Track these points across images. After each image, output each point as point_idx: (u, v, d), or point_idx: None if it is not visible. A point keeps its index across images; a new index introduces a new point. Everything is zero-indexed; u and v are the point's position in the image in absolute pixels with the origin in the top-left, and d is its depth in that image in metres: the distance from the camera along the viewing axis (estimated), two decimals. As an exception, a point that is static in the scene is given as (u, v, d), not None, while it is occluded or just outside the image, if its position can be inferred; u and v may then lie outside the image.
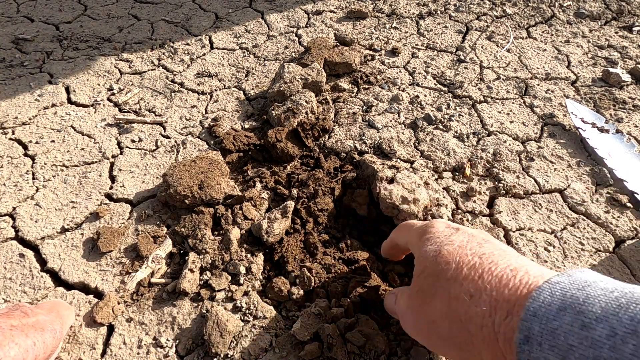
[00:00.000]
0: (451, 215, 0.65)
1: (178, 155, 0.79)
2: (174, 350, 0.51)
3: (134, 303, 0.56)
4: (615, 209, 0.68)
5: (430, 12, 1.20)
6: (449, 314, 0.35)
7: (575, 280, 0.30)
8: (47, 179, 0.73)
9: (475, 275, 0.35)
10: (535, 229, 0.65)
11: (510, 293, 0.32)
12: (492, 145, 0.79)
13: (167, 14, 1.22)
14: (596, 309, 0.27)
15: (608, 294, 0.28)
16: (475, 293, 0.33)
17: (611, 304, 0.27)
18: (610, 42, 1.07)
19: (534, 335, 0.28)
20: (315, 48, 0.99)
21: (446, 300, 0.35)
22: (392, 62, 1.02)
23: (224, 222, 0.63)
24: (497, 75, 0.97)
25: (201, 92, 0.94)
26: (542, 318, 0.28)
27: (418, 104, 0.89)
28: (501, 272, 0.34)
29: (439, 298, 0.36)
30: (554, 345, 0.27)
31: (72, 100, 0.91)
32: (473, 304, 0.33)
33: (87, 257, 0.61)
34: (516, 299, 0.31)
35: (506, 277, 0.33)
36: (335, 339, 0.48)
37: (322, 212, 0.64)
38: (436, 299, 0.36)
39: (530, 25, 1.15)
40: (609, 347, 0.25)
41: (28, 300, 0.56)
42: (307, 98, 0.83)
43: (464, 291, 0.34)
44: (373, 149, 0.79)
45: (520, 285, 0.32)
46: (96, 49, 1.07)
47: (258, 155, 0.76)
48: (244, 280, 0.57)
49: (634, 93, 0.91)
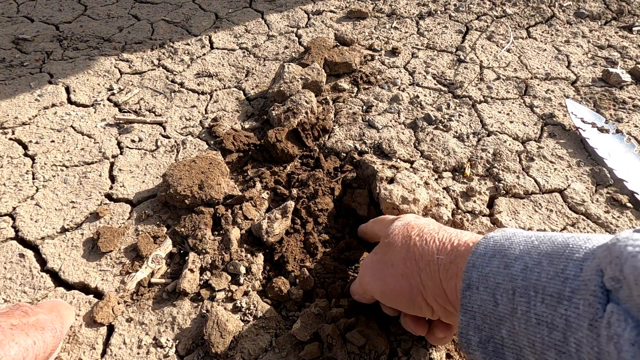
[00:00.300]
0: (451, 215, 0.65)
1: (178, 155, 0.79)
2: (174, 350, 0.51)
3: (134, 303, 0.56)
4: (615, 209, 0.68)
5: (430, 12, 1.20)
6: (406, 256, 0.43)
7: (505, 233, 0.37)
8: (47, 179, 0.73)
9: (433, 232, 0.44)
10: (535, 229, 0.65)
11: (455, 238, 0.41)
12: (492, 145, 0.79)
13: (167, 14, 1.22)
14: (516, 251, 0.34)
15: (527, 239, 0.34)
16: (430, 240, 0.43)
17: (527, 245, 0.33)
18: (610, 42, 1.07)
19: (473, 282, 0.35)
20: (315, 48, 0.99)
21: (406, 247, 0.44)
22: (392, 62, 1.02)
23: (224, 222, 0.64)
24: (497, 75, 0.97)
25: (201, 92, 0.94)
26: (479, 267, 0.35)
27: (418, 104, 0.89)
28: (452, 231, 0.43)
29: (401, 247, 0.44)
30: (486, 286, 0.33)
31: (72, 100, 0.91)
32: (427, 246, 0.42)
33: (87, 257, 0.61)
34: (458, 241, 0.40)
35: (455, 233, 0.42)
36: (335, 339, 0.48)
37: (322, 212, 0.64)
38: (399, 247, 0.45)
39: (530, 25, 1.15)
40: (522, 278, 0.31)
41: (28, 300, 0.56)
42: (307, 98, 0.83)
43: (420, 240, 0.43)
44: (373, 149, 0.79)
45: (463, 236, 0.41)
46: (96, 49, 1.07)
47: (258, 155, 0.76)
48: (244, 280, 0.57)
49: (634, 93, 0.91)
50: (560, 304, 0.28)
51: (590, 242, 0.30)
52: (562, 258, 0.30)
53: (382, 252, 0.47)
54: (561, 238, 0.32)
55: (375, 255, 0.47)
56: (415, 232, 0.45)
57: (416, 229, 0.45)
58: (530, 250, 0.33)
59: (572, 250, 0.30)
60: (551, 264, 0.30)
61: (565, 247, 0.31)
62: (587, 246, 0.30)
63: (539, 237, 0.34)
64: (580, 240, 0.31)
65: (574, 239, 0.31)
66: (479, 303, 0.34)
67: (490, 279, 0.33)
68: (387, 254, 0.46)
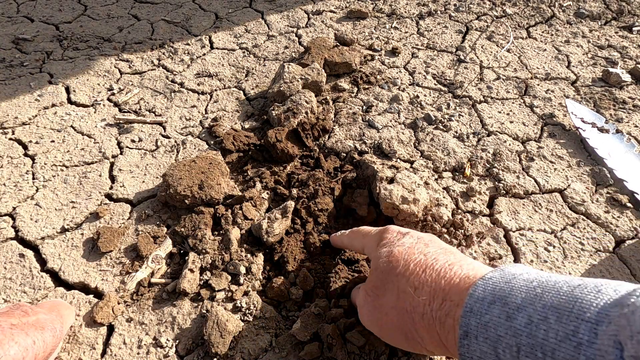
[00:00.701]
0: (451, 215, 0.65)
1: (178, 155, 0.79)
2: (174, 350, 0.51)
3: (134, 303, 0.56)
4: (615, 209, 0.68)
5: (430, 12, 1.20)
6: (397, 305, 0.39)
7: (504, 275, 0.34)
8: (47, 179, 0.73)
9: (419, 270, 0.39)
10: (535, 229, 0.65)
11: (445, 283, 0.37)
12: (492, 145, 0.79)
13: (167, 14, 1.22)
14: (518, 299, 0.31)
15: (528, 284, 0.31)
16: (418, 286, 0.38)
17: (530, 293, 0.30)
18: (610, 42, 1.07)
19: (471, 330, 0.32)
20: (315, 48, 0.99)
21: (395, 294, 0.40)
22: (392, 62, 1.02)
23: (224, 222, 0.63)
24: (497, 75, 0.97)
25: (201, 92, 0.94)
26: (477, 313, 0.32)
27: (418, 104, 0.89)
28: (440, 267, 0.39)
29: (389, 292, 0.40)
30: (486, 337, 0.31)
31: (72, 100, 0.91)
32: (417, 295, 0.38)
33: (87, 257, 0.61)
34: (450, 287, 0.36)
35: (443, 270, 0.38)
36: (335, 339, 0.48)
37: (322, 212, 0.64)
38: (387, 292, 0.41)
39: (530, 25, 1.15)
40: (526, 335, 0.29)
41: (28, 300, 0.56)
42: (307, 98, 0.83)
43: (410, 285, 0.39)
44: (373, 149, 0.79)
45: (453, 276, 0.37)
46: (96, 49, 1.07)
47: (258, 155, 0.76)
48: (244, 280, 0.57)
49: (634, 93, 0.91)
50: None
51: (601, 296, 0.27)
52: (572, 316, 0.27)
53: (373, 294, 0.43)
54: (566, 287, 0.29)
55: (367, 296, 0.44)
56: (400, 269, 0.40)
57: (401, 264, 0.41)
58: (533, 300, 0.30)
59: (582, 307, 0.27)
60: (559, 321, 0.27)
61: (573, 300, 0.28)
62: (598, 303, 0.27)
63: (542, 284, 0.31)
64: (590, 293, 0.28)
65: (582, 291, 0.28)
66: (479, 354, 0.31)
67: (490, 330, 0.31)
68: (378, 298, 0.42)
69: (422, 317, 0.37)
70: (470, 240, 0.63)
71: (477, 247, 0.63)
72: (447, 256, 0.40)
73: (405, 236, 0.45)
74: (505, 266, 0.36)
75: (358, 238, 0.52)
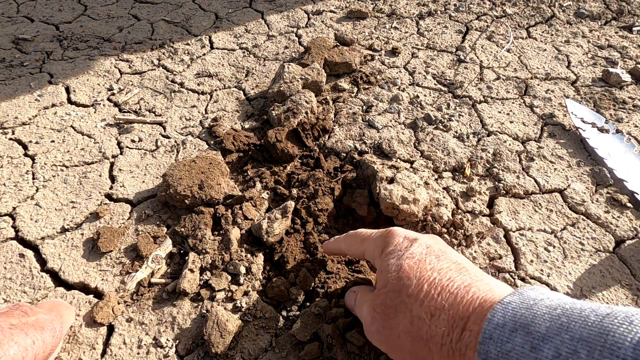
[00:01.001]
0: (451, 215, 0.65)
1: (178, 155, 0.79)
2: (174, 350, 0.51)
3: (134, 303, 0.56)
4: (615, 209, 0.68)
5: (430, 12, 1.20)
6: (411, 332, 0.37)
7: (524, 300, 0.32)
8: (47, 179, 0.73)
9: (434, 293, 0.37)
10: (535, 229, 0.65)
11: (464, 309, 0.34)
12: (492, 145, 0.79)
13: (167, 14, 1.22)
14: (542, 328, 0.29)
15: (552, 312, 0.30)
16: (435, 312, 0.36)
17: (554, 322, 0.29)
18: (610, 42, 1.07)
19: (491, 357, 0.30)
20: (315, 48, 0.99)
21: (409, 318, 0.37)
22: (392, 62, 1.02)
23: (224, 222, 0.63)
24: (497, 75, 0.97)
25: (201, 92, 0.94)
26: (497, 341, 0.30)
27: (418, 104, 0.89)
28: (456, 289, 0.36)
29: (401, 315, 0.38)
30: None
31: (72, 100, 0.91)
32: (433, 324, 0.35)
33: (87, 257, 0.61)
34: (469, 315, 0.34)
35: (460, 293, 0.36)
36: (335, 339, 0.48)
37: (322, 212, 0.64)
38: (399, 315, 0.38)
39: (530, 25, 1.15)
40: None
41: (28, 300, 0.56)
42: (307, 98, 0.83)
43: (424, 310, 0.36)
44: (373, 149, 0.79)
45: (471, 301, 0.35)
46: (96, 49, 1.07)
47: (258, 155, 0.76)
48: (244, 280, 0.57)
49: (634, 93, 0.91)
50: None
51: (635, 329, 0.26)
52: (605, 351, 0.25)
53: (383, 313, 0.40)
54: (594, 316, 0.28)
55: (375, 312, 0.40)
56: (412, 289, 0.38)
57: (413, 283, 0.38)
58: (559, 331, 0.28)
59: (615, 342, 0.25)
60: (591, 356, 0.26)
61: (604, 333, 0.26)
62: (633, 337, 0.25)
63: (566, 312, 0.29)
64: (621, 324, 0.26)
65: (612, 322, 0.27)
66: None
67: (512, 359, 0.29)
68: (389, 319, 0.39)
69: (440, 348, 0.35)
70: (470, 240, 0.63)
71: (477, 247, 0.63)
72: (462, 275, 0.38)
73: (413, 244, 0.42)
74: (523, 289, 0.34)
75: (356, 243, 0.50)
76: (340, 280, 0.56)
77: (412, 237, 0.44)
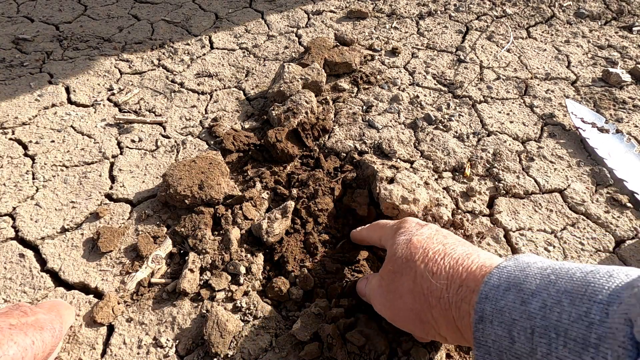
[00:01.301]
0: (451, 215, 0.65)
1: (178, 155, 0.79)
2: (174, 350, 0.51)
3: (134, 303, 0.56)
4: (615, 209, 0.68)
5: (430, 12, 1.20)
6: (414, 289, 0.41)
7: (519, 264, 0.35)
8: (47, 179, 0.73)
9: (438, 257, 0.41)
10: (535, 229, 0.65)
11: (463, 269, 0.38)
12: (492, 145, 0.79)
13: (167, 14, 1.22)
14: (532, 286, 0.32)
15: (542, 272, 0.33)
16: (436, 272, 0.40)
17: (544, 280, 0.32)
18: (610, 42, 1.07)
19: (486, 315, 0.33)
20: (315, 48, 0.99)
21: (412, 278, 0.41)
22: (392, 62, 1.02)
23: (224, 222, 0.63)
24: (497, 75, 0.97)
25: (201, 92, 0.94)
26: (492, 299, 0.33)
27: (418, 104, 0.89)
28: (458, 256, 0.40)
29: (406, 276, 0.42)
30: (501, 321, 0.32)
31: (72, 100, 0.91)
32: (434, 279, 0.39)
33: (87, 257, 0.61)
34: (467, 274, 0.38)
35: (461, 259, 0.40)
36: (335, 339, 0.48)
37: (322, 212, 0.64)
38: (404, 277, 0.42)
39: (530, 25, 1.15)
40: (540, 317, 0.30)
41: (28, 300, 0.56)
42: (307, 98, 0.83)
43: (428, 270, 0.40)
44: (373, 149, 0.79)
45: (471, 264, 0.39)
46: (96, 49, 1.07)
47: (258, 155, 0.76)
48: (244, 280, 0.57)
49: (634, 93, 0.91)
50: (585, 350, 0.27)
51: (613, 280, 0.28)
52: (584, 299, 0.28)
53: (389, 278, 0.44)
54: (579, 273, 0.31)
55: (382, 280, 0.45)
56: (418, 256, 0.42)
57: (419, 251, 0.42)
58: (547, 286, 0.31)
59: (594, 290, 0.28)
60: (572, 304, 0.29)
61: (585, 285, 0.29)
62: (610, 286, 0.28)
63: (555, 271, 0.32)
64: (602, 277, 0.29)
65: (594, 276, 0.30)
66: (494, 338, 0.33)
67: (505, 314, 0.32)
68: (394, 282, 0.43)
69: (438, 301, 0.38)
70: (470, 240, 0.63)
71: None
72: (464, 247, 0.42)
73: (424, 227, 0.47)
74: (519, 255, 0.37)
75: (376, 230, 0.54)
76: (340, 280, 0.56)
77: (424, 223, 0.48)
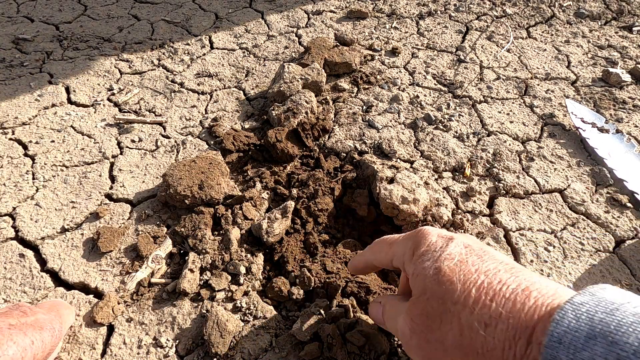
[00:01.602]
0: (451, 215, 0.65)
1: (178, 155, 0.79)
2: (174, 350, 0.51)
3: (134, 303, 0.56)
4: (615, 209, 0.68)
5: (430, 12, 1.20)
6: (462, 344, 0.31)
7: (600, 302, 0.27)
8: (47, 179, 0.73)
9: (486, 298, 0.31)
10: (535, 229, 0.65)
11: (527, 318, 0.29)
12: (492, 145, 0.79)
13: (167, 14, 1.22)
14: (632, 340, 0.24)
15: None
16: (489, 321, 0.30)
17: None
18: (610, 42, 1.07)
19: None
20: (315, 48, 0.99)
21: (457, 329, 0.32)
22: (392, 62, 1.02)
23: (224, 222, 0.63)
24: (497, 75, 0.97)
25: (201, 92, 0.94)
26: (569, 346, 0.25)
27: (418, 104, 0.89)
28: (513, 294, 0.31)
29: (448, 325, 0.32)
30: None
31: (72, 100, 0.91)
32: (489, 335, 0.30)
33: (87, 257, 0.61)
34: (534, 324, 0.28)
35: (519, 299, 0.30)
36: (335, 339, 0.48)
37: (322, 212, 0.64)
38: (445, 325, 0.33)
39: (530, 25, 1.15)
40: None
41: (28, 300, 0.56)
42: (307, 98, 0.83)
43: (476, 319, 0.31)
44: (373, 149, 0.79)
45: (536, 309, 0.29)
46: (96, 49, 1.07)
47: (258, 155, 0.76)
48: (244, 280, 0.57)
49: (634, 93, 0.91)
50: None
51: None
52: None
53: (424, 325, 0.34)
54: None
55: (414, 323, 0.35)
56: (458, 295, 0.32)
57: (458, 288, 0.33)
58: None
59: None
60: None
61: None
62: None
63: None
64: None
65: None
66: None
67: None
68: (432, 331, 0.33)
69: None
70: (470, 240, 0.63)
71: (477, 247, 0.63)
72: (514, 277, 0.32)
73: (449, 244, 0.37)
74: (594, 289, 0.29)
75: (383, 249, 0.44)
76: (341, 280, 0.56)
77: (448, 236, 0.38)
